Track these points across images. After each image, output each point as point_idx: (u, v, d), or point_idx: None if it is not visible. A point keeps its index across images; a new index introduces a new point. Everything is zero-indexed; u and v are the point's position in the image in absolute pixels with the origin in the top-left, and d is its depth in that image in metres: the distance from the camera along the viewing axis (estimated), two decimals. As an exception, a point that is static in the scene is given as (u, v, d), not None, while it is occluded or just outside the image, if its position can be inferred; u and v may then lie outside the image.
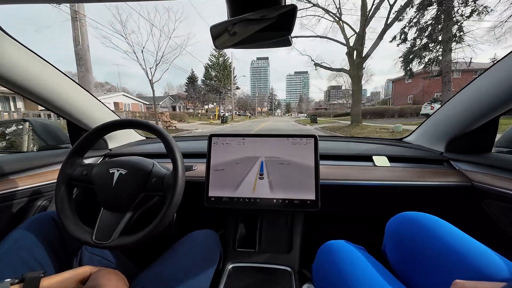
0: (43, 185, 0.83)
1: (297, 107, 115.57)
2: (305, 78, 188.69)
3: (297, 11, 0.37)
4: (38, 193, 0.82)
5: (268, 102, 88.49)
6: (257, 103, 72.42)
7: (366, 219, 1.12)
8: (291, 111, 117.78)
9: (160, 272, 0.62)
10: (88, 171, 0.68)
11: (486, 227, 0.81)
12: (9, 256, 0.54)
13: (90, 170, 0.68)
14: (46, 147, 1.06)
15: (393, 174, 0.90)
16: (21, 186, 0.77)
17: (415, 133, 1.17)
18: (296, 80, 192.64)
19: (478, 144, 0.89)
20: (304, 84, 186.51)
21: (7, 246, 0.56)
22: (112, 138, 1.18)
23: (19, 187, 0.76)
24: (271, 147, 0.84)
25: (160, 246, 0.76)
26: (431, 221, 0.56)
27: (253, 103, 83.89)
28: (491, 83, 0.73)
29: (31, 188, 0.80)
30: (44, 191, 0.84)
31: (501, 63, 0.69)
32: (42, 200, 0.83)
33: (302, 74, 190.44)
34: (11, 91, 0.75)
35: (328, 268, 0.54)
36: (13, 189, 0.75)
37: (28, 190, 0.79)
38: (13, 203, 0.75)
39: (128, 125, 0.73)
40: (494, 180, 0.76)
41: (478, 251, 0.46)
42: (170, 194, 0.61)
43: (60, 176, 0.66)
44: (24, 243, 0.57)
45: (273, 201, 0.79)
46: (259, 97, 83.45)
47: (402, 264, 0.55)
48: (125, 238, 0.60)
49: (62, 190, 0.65)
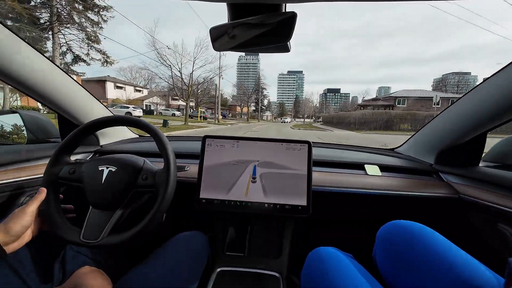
0: (29, 179, 0.81)
1: (293, 109, 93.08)
2: (299, 78, 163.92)
3: (296, 18, 0.38)
4: (23, 188, 0.80)
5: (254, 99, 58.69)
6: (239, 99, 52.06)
7: (357, 226, 1.13)
8: (285, 113, 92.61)
9: (146, 273, 0.61)
10: (76, 169, 0.65)
11: (470, 237, 0.83)
12: None
13: (78, 168, 0.66)
14: (35, 140, 1.03)
15: (384, 183, 0.91)
16: (6, 179, 0.74)
17: (407, 143, 1.20)
18: (289, 80, 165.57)
19: (466, 157, 0.91)
20: (298, 85, 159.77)
21: None
22: (104, 135, 1.16)
23: (3, 180, 0.74)
24: (265, 151, 0.84)
25: (149, 246, 0.75)
26: (422, 230, 0.57)
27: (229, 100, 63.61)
28: (481, 98, 0.75)
29: (16, 182, 0.77)
30: (30, 185, 0.81)
31: (493, 79, 0.72)
32: (26, 195, 0.80)
33: (296, 74, 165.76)
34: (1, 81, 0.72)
35: (316, 276, 0.54)
36: None
37: (13, 184, 0.76)
38: None
39: (121, 122, 0.71)
40: (480, 193, 0.78)
41: (465, 261, 0.48)
42: (162, 189, 0.59)
43: (46, 175, 0.64)
44: None
45: (264, 206, 0.79)
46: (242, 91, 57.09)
47: (392, 270, 0.56)
48: (114, 237, 0.58)
49: (48, 189, 0.62)
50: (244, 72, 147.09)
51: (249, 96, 48.88)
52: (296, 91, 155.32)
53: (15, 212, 0.52)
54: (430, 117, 0.76)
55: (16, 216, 0.51)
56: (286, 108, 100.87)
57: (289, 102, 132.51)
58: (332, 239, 0.99)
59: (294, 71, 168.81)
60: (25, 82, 0.77)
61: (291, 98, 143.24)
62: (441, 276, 0.47)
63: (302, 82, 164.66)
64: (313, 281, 0.54)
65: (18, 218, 0.51)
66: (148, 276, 0.60)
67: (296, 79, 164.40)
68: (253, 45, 0.43)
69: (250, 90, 47.49)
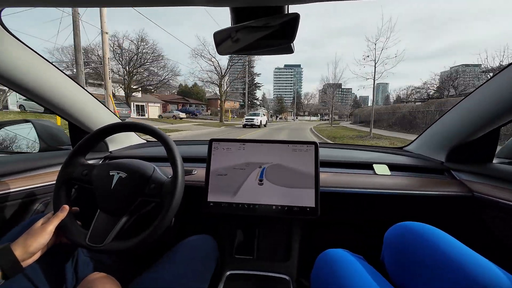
0: (42, 187, 0.83)
1: (293, 106, 72.84)
2: (297, 73, 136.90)
3: (299, 19, 0.38)
4: (36, 195, 0.82)
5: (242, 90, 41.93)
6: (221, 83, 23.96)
7: (366, 227, 1.11)
8: (285, 111, 72.06)
9: (156, 277, 0.61)
10: (88, 171, 0.68)
11: (485, 237, 0.81)
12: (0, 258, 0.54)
13: (90, 170, 0.68)
14: (47, 148, 1.06)
15: (394, 183, 0.89)
16: (20, 187, 0.77)
17: (416, 141, 1.17)
18: (286, 75, 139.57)
19: (479, 154, 0.88)
20: (296, 80, 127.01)
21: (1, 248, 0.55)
22: (113, 141, 1.18)
23: (18, 188, 0.76)
24: (272, 153, 0.84)
25: (157, 251, 0.75)
26: (430, 232, 0.55)
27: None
28: (493, 93, 0.73)
29: (29, 189, 0.79)
30: (42, 192, 0.84)
31: (506, 72, 0.69)
32: (40, 201, 0.83)
33: (294, 68, 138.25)
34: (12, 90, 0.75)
35: (327, 278, 0.54)
36: (12, 190, 0.74)
37: (26, 192, 0.78)
38: (11, 204, 0.75)
39: (130, 128, 0.73)
40: (494, 191, 0.76)
41: (478, 263, 0.46)
42: (168, 201, 0.60)
43: (61, 174, 0.66)
44: None
45: (272, 208, 0.79)
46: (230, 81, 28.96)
47: (400, 274, 0.55)
48: (118, 243, 0.59)
49: (61, 188, 0.65)
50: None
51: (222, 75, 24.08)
52: (294, 86, 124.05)
53: (35, 229, 0.53)
54: None
55: (36, 234, 0.52)
56: (285, 105, 77.54)
57: (288, 97, 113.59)
58: (342, 240, 0.98)
59: (292, 64, 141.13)
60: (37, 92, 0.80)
61: (289, 94, 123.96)
62: (451, 277, 0.45)
63: (301, 77, 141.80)
64: (324, 283, 0.54)
65: (37, 236, 0.52)
66: (158, 280, 0.60)
67: (294, 73, 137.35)
68: (257, 48, 0.43)
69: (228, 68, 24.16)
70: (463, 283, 0.43)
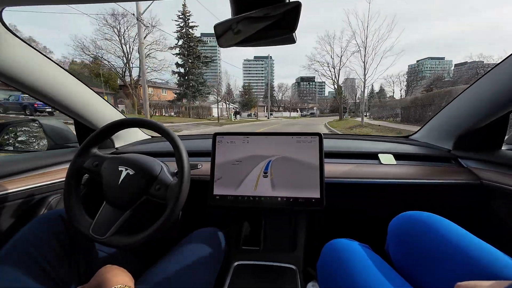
0: (51, 184, 0.85)
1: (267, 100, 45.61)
2: (268, 65, 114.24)
3: (301, 8, 0.37)
4: (46, 192, 0.84)
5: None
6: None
7: (372, 217, 1.11)
8: (254, 105, 50.07)
9: (165, 269, 0.63)
10: (99, 163, 0.70)
11: (495, 226, 0.80)
12: (17, 252, 0.56)
13: (101, 162, 0.70)
14: (55, 146, 1.08)
15: (399, 172, 0.88)
16: (30, 184, 0.79)
17: (422, 130, 1.15)
18: (256, 67, 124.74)
19: (487, 141, 0.87)
20: (267, 73, 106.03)
21: (16, 243, 0.57)
22: (118, 138, 1.20)
23: (28, 185, 0.78)
24: (276, 146, 0.84)
25: (165, 244, 0.77)
26: (437, 221, 0.55)
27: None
28: (502, 79, 0.71)
29: (40, 186, 0.81)
30: (53, 189, 0.86)
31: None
32: (50, 198, 0.85)
33: (264, 60, 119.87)
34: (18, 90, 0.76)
35: (333, 267, 0.54)
36: (22, 188, 0.76)
37: (36, 189, 0.80)
38: (22, 202, 0.77)
39: (136, 124, 0.74)
40: (504, 178, 0.74)
41: (486, 252, 0.45)
42: (171, 204, 0.61)
43: (73, 162, 0.69)
44: (33, 240, 0.58)
45: (277, 200, 0.79)
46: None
47: (405, 264, 0.55)
48: (119, 238, 0.61)
49: (72, 177, 0.68)
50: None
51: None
52: (265, 79, 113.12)
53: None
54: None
55: None
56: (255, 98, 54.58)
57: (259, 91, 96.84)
58: (348, 230, 0.98)
59: (262, 56, 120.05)
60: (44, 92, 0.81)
61: (260, 87, 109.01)
62: (458, 267, 0.45)
63: (272, 69, 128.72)
64: (330, 272, 0.54)
65: None
66: (167, 271, 0.62)
67: (265, 66, 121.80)
68: (259, 39, 0.42)
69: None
70: (472, 273, 0.43)
